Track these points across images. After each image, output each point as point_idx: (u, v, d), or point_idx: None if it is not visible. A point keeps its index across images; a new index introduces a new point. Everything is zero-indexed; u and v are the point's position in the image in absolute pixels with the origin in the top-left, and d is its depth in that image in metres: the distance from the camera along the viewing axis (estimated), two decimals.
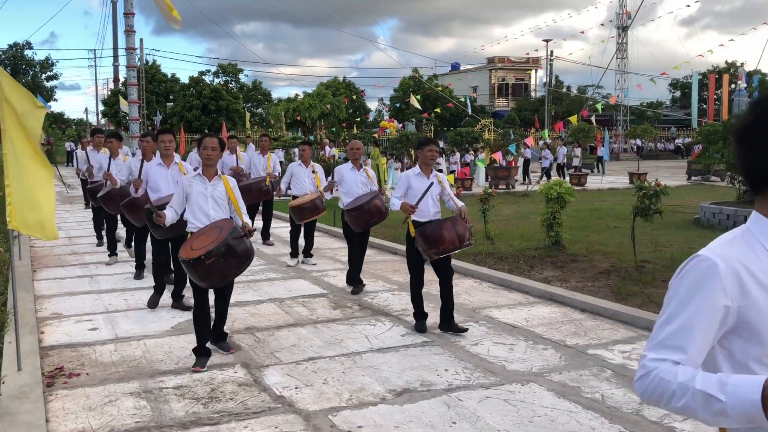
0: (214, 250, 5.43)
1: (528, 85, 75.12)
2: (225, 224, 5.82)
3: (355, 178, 8.88)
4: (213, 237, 5.64)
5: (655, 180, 10.02)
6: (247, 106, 65.06)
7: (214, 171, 6.15)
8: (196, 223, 6.07)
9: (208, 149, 6.03)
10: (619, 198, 20.95)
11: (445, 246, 6.49)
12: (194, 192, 6.07)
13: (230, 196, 6.09)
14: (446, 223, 6.58)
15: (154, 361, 6.03)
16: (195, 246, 5.64)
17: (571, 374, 5.65)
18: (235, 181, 6.28)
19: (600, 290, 8.51)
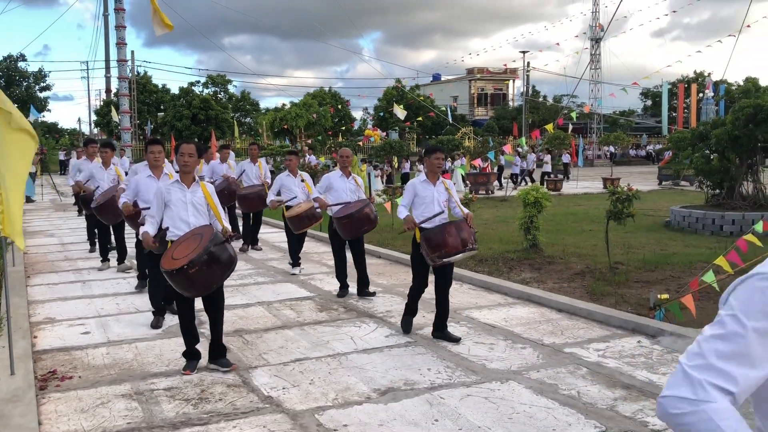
0: (197, 258, 5.14)
1: (506, 95, 75.51)
2: (205, 231, 5.53)
3: (344, 186, 8.57)
4: (194, 245, 5.35)
5: (627, 185, 10.09)
6: (235, 115, 64.84)
7: (191, 177, 5.88)
8: (176, 231, 5.78)
9: (185, 155, 5.76)
10: (593, 202, 21.08)
11: (448, 250, 6.26)
12: (173, 200, 5.78)
13: (209, 202, 5.83)
14: (450, 227, 6.34)
15: (145, 364, 5.98)
16: (176, 255, 5.33)
17: (549, 372, 5.66)
18: (213, 187, 6.05)
19: (575, 291, 8.55)
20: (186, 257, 5.21)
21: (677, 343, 6.28)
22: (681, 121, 51.04)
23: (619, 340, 6.57)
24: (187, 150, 5.79)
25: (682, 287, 8.04)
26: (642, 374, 5.57)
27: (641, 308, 7.54)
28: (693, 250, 11.43)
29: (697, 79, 61.40)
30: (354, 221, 8.14)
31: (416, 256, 6.64)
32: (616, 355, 6.07)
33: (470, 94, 73.03)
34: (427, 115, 51.35)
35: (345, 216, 8.16)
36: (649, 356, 6.04)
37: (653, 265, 10.11)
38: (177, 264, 5.18)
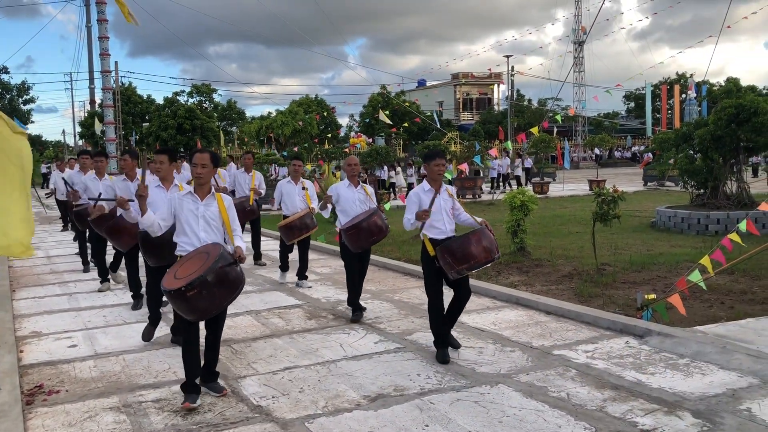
0: (196, 280, 4.71)
1: (491, 99, 75.79)
2: (213, 249, 5.05)
3: (353, 196, 7.90)
4: (198, 264, 4.92)
5: (613, 186, 10.16)
6: (221, 124, 64.71)
7: (207, 189, 5.41)
8: (186, 246, 5.33)
9: (198, 166, 5.29)
10: (579, 204, 21.19)
11: (477, 260, 5.88)
12: (184, 211, 5.34)
13: (224, 218, 5.35)
14: (474, 235, 5.94)
15: (133, 376, 5.93)
16: (179, 274, 4.92)
17: (538, 374, 5.67)
18: (231, 200, 5.52)
19: (563, 293, 8.58)
20: (186, 278, 4.81)
21: (665, 342, 6.32)
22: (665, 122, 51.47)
23: (608, 341, 6.60)
24: (200, 160, 5.32)
25: (669, 287, 8.09)
26: (631, 374, 5.59)
27: (629, 309, 7.57)
28: (679, 250, 11.51)
29: (680, 80, 62.00)
30: (362, 231, 7.54)
31: (429, 272, 6.22)
32: (604, 356, 6.09)
33: (455, 99, 73.26)
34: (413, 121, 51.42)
35: (352, 227, 7.59)
36: (638, 356, 6.07)
37: (640, 265, 10.17)
38: (176, 284, 4.81)
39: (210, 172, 5.36)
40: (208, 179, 5.38)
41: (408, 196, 6.40)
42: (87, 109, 57.49)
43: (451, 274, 5.99)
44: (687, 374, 5.56)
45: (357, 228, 7.53)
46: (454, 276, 5.99)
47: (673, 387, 5.28)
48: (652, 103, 56.92)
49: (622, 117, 72.63)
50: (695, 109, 41.26)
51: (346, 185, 7.98)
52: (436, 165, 6.20)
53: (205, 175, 5.32)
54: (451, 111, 71.18)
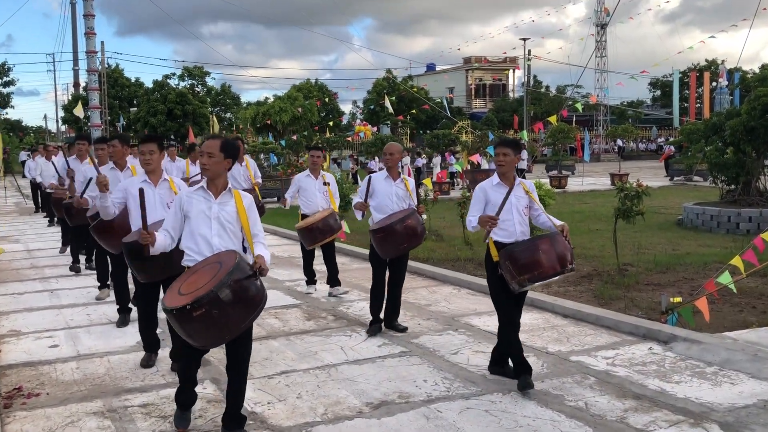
0: (204, 297, 4.03)
1: (506, 86, 75.73)
2: (227, 258, 4.38)
3: (390, 190, 7.18)
4: (208, 277, 4.25)
5: (636, 181, 10.13)
6: (214, 110, 64.75)
7: (222, 184, 4.72)
8: (194, 255, 4.65)
9: (204, 155, 4.64)
10: (600, 200, 21.16)
11: (544, 270, 5.30)
12: (194, 211, 4.67)
13: (242, 219, 4.69)
14: (543, 241, 5.43)
15: (118, 379, 5.95)
16: (185, 289, 4.28)
17: (554, 382, 5.67)
18: (252, 198, 4.86)
19: (582, 295, 8.57)
20: (192, 293, 4.14)
21: (691, 349, 6.31)
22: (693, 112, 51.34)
23: (629, 347, 6.59)
24: (207, 148, 4.65)
25: (696, 290, 8.07)
26: (654, 383, 5.58)
27: (652, 313, 7.56)
28: (707, 250, 11.49)
29: (710, 66, 61.77)
30: (392, 235, 6.84)
31: (494, 280, 5.66)
32: (626, 363, 6.09)
33: (467, 85, 73.21)
34: (421, 108, 51.42)
35: (381, 229, 6.90)
36: (662, 364, 6.06)
37: (665, 266, 10.15)
38: (180, 301, 4.12)
39: (220, 163, 4.62)
40: (218, 172, 4.66)
41: (474, 192, 5.79)
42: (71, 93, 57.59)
43: (511, 285, 5.43)
44: (715, 383, 5.55)
45: (387, 231, 6.87)
46: (514, 288, 5.43)
47: (700, 397, 5.27)
48: (680, 91, 56.75)
49: (647, 106, 72.44)
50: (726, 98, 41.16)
51: (383, 177, 7.26)
52: (497, 155, 5.63)
53: (211, 167, 4.62)
54: (462, 98, 71.14)
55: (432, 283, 9.75)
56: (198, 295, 4.08)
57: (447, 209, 16.98)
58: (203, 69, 64.42)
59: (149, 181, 6.10)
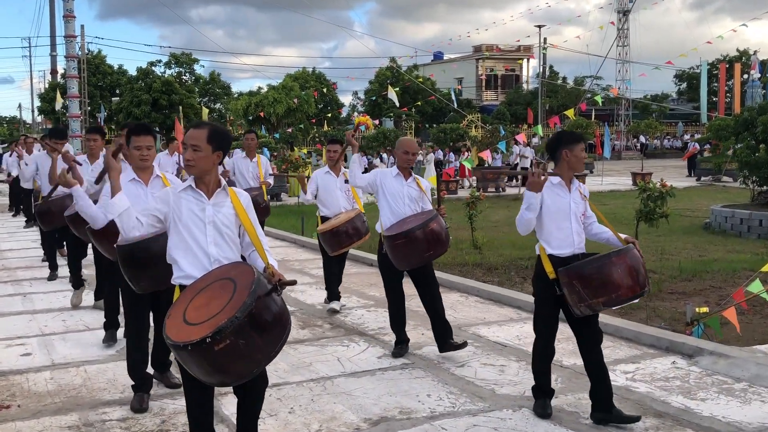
0: (228, 325, 3.52)
1: (519, 77, 75.70)
2: (239, 274, 3.90)
3: (401, 191, 6.75)
4: (222, 299, 3.75)
5: (660, 180, 10.13)
6: (203, 100, 64.84)
7: (214, 181, 4.25)
8: (189, 269, 4.16)
9: (188, 149, 4.15)
10: (620, 201, 21.15)
11: (622, 293, 4.89)
12: (184, 214, 4.17)
13: (244, 223, 4.23)
14: (620, 257, 4.94)
15: (95, 390, 5.95)
16: (192, 317, 3.76)
17: (569, 398, 5.66)
18: (249, 196, 4.44)
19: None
20: (208, 322, 3.63)
21: (718, 363, 6.29)
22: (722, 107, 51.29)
23: (651, 360, 6.58)
24: (191, 139, 4.16)
25: (724, 299, 8.05)
26: (677, 400, 5.57)
27: (676, 324, 7.55)
28: (736, 256, 11.47)
29: (741, 57, 61.75)
30: (415, 242, 6.38)
31: (545, 300, 5.31)
32: (647, 378, 6.08)
33: (477, 76, 73.19)
34: (427, 100, 51.46)
35: (401, 234, 6.41)
36: (686, 379, 6.05)
37: (690, 273, 10.14)
38: (195, 334, 3.60)
39: (207, 158, 4.14)
40: (206, 169, 4.16)
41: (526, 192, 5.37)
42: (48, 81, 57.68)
43: (579, 309, 5.01)
44: (744, 401, 5.53)
45: (409, 237, 6.36)
46: (582, 311, 5.02)
47: (728, 416, 5.26)
48: (708, 84, 56.75)
49: (673, 100, 72.48)
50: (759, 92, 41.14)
51: (393, 174, 6.83)
52: (582, 150, 5.32)
53: (198, 162, 4.12)
54: (472, 89, 71.17)
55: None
56: (218, 323, 3.54)
57: (454, 210, 16.94)
58: (191, 56, 64.52)
59: (138, 179, 5.69)
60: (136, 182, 5.67)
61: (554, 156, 5.34)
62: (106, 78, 57.10)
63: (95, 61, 55.05)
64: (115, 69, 59.03)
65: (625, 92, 58.92)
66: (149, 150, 5.64)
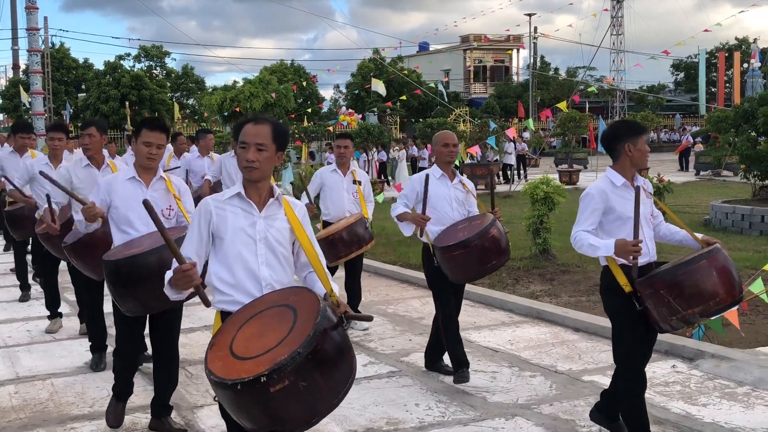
0: (288, 363, 3.09)
1: (509, 68, 75.90)
2: (300, 301, 3.46)
3: (447, 193, 6.27)
4: (280, 330, 3.31)
5: (657, 175, 10.18)
6: (175, 96, 64.59)
7: (267, 189, 3.78)
8: (234, 294, 3.68)
9: (250, 148, 3.68)
10: None
11: (721, 299, 4.44)
12: (229, 229, 3.70)
13: (300, 239, 3.78)
14: (711, 260, 4.49)
15: (63, 405, 5.92)
16: (241, 349, 3.31)
17: (564, 405, 5.68)
18: (305, 208, 3.96)
19: (596, 306, 8.59)
20: (264, 357, 3.18)
21: (720, 367, 6.33)
22: (722, 98, 51.68)
23: (650, 365, 6.56)
24: (256, 136, 3.68)
25: None
26: (678, 406, 5.60)
27: None
28: (737, 254, 11.54)
29: (741, 46, 62.20)
30: (474, 252, 5.89)
31: (626, 314, 4.70)
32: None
33: (465, 68, 73.31)
34: (412, 93, 51.46)
35: (458, 244, 5.90)
36: (686, 384, 6.08)
37: None
38: (247, 370, 3.16)
39: (271, 160, 3.72)
40: (268, 173, 3.76)
41: (587, 196, 4.85)
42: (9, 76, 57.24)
43: (669, 324, 4.56)
44: (747, 405, 5.57)
45: (469, 247, 5.86)
46: (674, 326, 4.61)
47: (730, 421, 5.29)
48: (707, 74, 57.16)
49: (670, 91, 72.88)
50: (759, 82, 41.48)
51: (437, 175, 6.28)
52: (645, 143, 4.80)
53: (263, 164, 3.67)
54: (459, 82, 71.25)
55: (425, 293, 9.72)
56: (277, 359, 3.11)
57: None
58: (162, 49, 64.26)
59: (139, 179, 5.20)
60: (136, 182, 5.22)
61: (613, 151, 4.82)
62: (71, 73, 56.82)
63: (58, 54, 54.73)
64: (81, 63, 58.73)
65: (619, 83, 59.18)
66: (159, 149, 5.21)
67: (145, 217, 4.75)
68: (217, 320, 3.70)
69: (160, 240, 4.25)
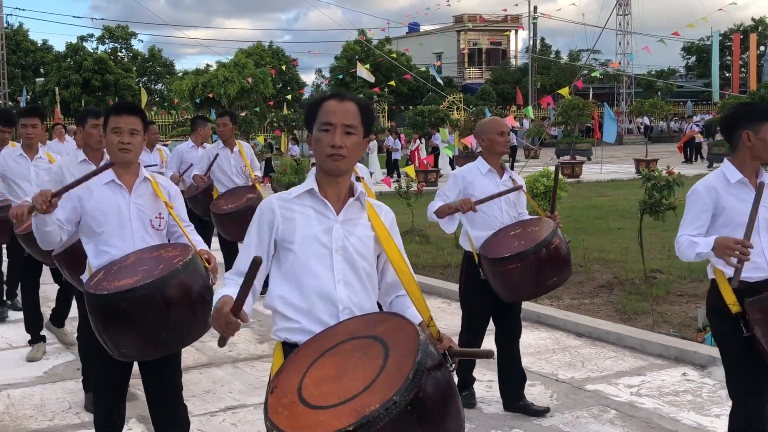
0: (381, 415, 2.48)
1: (506, 51, 76.03)
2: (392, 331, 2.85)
3: (492, 189, 5.65)
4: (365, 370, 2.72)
5: (666, 168, 10.21)
6: (142, 80, 64.36)
7: (346, 187, 3.25)
8: (305, 320, 3.15)
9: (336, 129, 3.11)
10: (622, 191, 21.32)
11: None
12: (299, 236, 3.16)
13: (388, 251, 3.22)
14: None
15: (20, 418, 5.89)
16: (314, 395, 2.74)
17: (566, 416, 5.70)
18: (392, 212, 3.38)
19: (600, 309, 8.63)
20: (346, 407, 2.59)
21: None
22: (736, 83, 51.95)
23: (659, 372, 6.65)
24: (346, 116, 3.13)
25: None
26: (688, 417, 5.64)
27: (687, 330, 7.63)
28: None
29: (758, 27, 62.50)
30: (533, 265, 5.32)
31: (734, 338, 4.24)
32: (654, 393, 6.14)
33: (459, 51, 73.37)
34: (401, 79, 51.46)
35: (515, 256, 5.28)
36: (698, 393, 6.12)
37: (702, 272, 10.18)
38: (323, 424, 2.58)
39: (359, 146, 3.21)
40: (354, 161, 3.25)
41: (694, 195, 4.43)
42: None
43: None
44: None
45: (527, 260, 5.28)
46: None
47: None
48: (721, 57, 57.42)
49: (681, 76, 73.17)
50: None
51: (483, 171, 5.70)
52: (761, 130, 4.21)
53: (351, 152, 3.14)
54: (453, 66, 71.32)
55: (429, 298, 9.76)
56: (365, 409, 2.52)
57: None
58: (128, 29, 64.02)
59: (119, 182, 4.44)
60: (115, 186, 4.42)
61: (731, 139, 4.33)
62: (29, 56, 56.51)
63: (16, 36, 54.43)
64: (39, 45, 58.44)
65: (626, 68, 59.33)
66: (133, 136, 4.35)
67: (127, 234, 4.36)
68: (277, 354, 3.17)
69: (155, 264, 3.98)
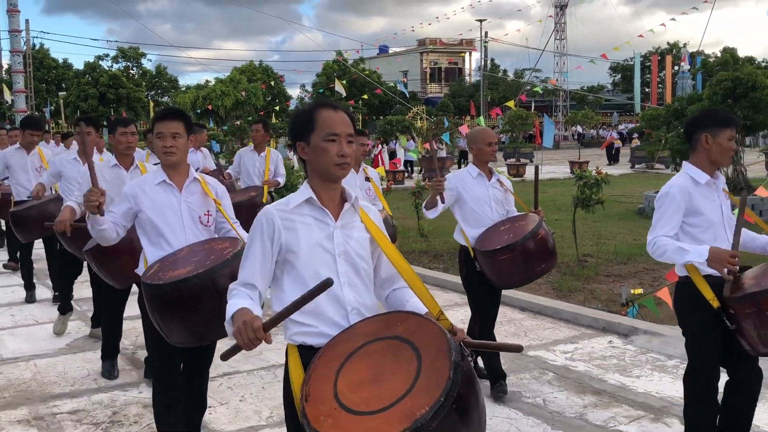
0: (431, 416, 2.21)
1: (462, 70, 76.17)
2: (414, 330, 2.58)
3: (485, 193, 5.51)
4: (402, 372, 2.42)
5: (596, 168, 10.30)
6: (150, 94, 63.80)
7: (338, 192, 2.93)
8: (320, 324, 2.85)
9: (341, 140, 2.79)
10: (559, 188, 21.46)
11: None
12: (303, 244, 2.83)
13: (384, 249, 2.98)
14: None
15: (46, 384, 5.82)
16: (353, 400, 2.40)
17: (511, 378, 5.72)
18: (378, 212, 3.12)
19: (540, 287, 8.69)
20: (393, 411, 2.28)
21: (652, 342, 6.45)
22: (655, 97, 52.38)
23: (589, 340, 6.71)
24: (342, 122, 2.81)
25: (658, 280, 8.25)
26: (614, 378, 5.69)
27: (612, 305, 7.71)
28: None
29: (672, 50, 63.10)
30: (522, 255, 5.16)
31: (712, 338, 3.95)
32: (585, 358, 6.19)
33: (422, 69, 73.37)
34: (373, 93, 51.43)
35: (506, 248, 5.13)
36: (622, 357, 6.18)
37: (625, 256, 10.35)
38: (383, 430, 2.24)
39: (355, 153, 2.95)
40: None
41: (665, 195, 4.16)
42: None
43: (761, 348, 3.76)
44: (676, 377, 5.67)
45: (517, 250, 5.12)
46: None
47: (661, 391, 5.39)
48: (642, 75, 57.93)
49: (608, 91, 73.77)
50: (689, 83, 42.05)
51: (474, 174, 5.52)
52: (729, 140, 3.93)
53: (352, 158, 2.84)
54: (417, 82, 71.29)
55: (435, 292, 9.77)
56: (417, 414, 2.21)
57: (401, 199, 17.02)
58: (139, 50, 63.40)
59: (170, 182, 4.22)
60: (167, 186, 4.21)
61: (690, 140, 4.04)
62: (51, 72, 55.77)
63: (38, 55, 53.69)
64: (60, 63, 57.67)
65: (562, 84, 59.67)
66: (176, 139, 4.14)
67: (179, 229, 4.15)
68: (292, 357, 2.89)
69: (207, 255, 3.84)
